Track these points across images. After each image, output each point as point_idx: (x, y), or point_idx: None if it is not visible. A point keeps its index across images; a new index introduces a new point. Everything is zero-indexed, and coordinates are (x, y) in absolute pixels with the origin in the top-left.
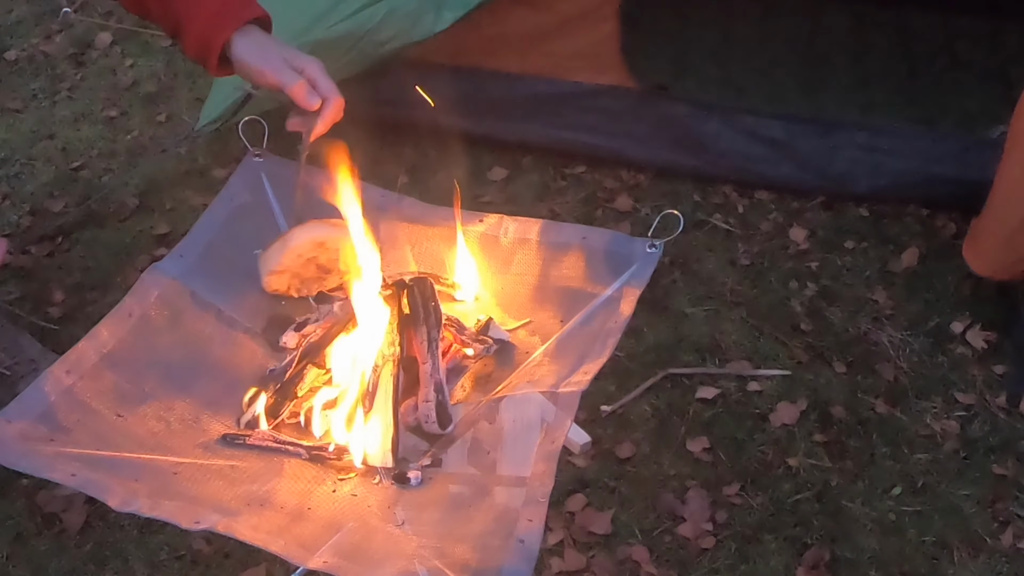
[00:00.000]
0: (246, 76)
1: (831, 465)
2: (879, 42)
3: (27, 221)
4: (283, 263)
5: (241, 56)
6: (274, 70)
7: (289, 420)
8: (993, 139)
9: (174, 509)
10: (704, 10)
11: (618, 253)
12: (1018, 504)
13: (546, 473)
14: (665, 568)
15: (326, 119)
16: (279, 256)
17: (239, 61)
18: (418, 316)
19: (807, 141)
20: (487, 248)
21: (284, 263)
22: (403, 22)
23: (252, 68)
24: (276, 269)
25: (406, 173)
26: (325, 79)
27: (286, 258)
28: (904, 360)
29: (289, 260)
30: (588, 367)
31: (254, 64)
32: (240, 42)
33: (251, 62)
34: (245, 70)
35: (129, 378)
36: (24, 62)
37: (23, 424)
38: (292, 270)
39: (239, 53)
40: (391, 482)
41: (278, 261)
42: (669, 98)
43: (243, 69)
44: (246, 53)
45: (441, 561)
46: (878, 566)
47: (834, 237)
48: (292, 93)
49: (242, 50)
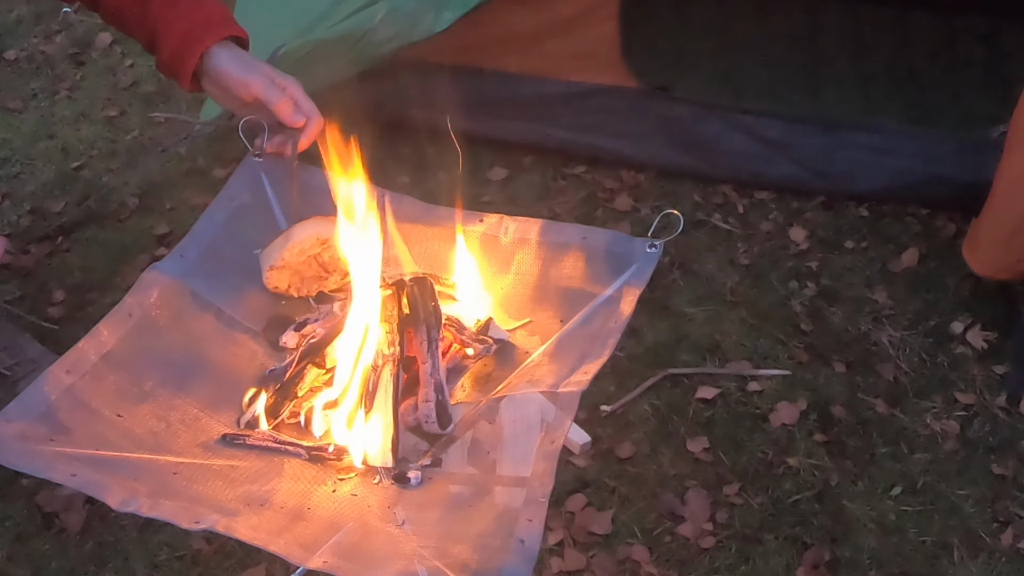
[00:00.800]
0: (225, 88)
1: (831, 465)
2: (879, 42)
3: (27, 221)
4: (284, 258)
5: (224, 68)
6: (261, 84)
7: (289, 420)
8: (993, 139)
9: (174, 509)
10: (704, 10)
11: (618, 253)
12: (1018, 504)
13: (546, 473)
14: (665, 568)
15: (309, 136)
16: (280, 251)
17: (221, 73)
18: (418, 316)
19: (807, 141)
20: (487, 248)
21: (285, 258)
22: (403, 22)
23: (236, 80)
24: (277, 264)
25: (406, 173)
26: (306, 99)
27: (288, 253)
28: (904, 360)
29: (291, 255)
30: (588, 367)
31: (239, 76)
32: (222, 55)
33: (236, 74)
34: (226, 82)
35: (129, 378)
36: (24, 62)
37: (23, 424)
38: (293, 267)
39: (222, 64)
40: (391, 482)
41: (279, 256)
42: (669, 98)
43: (224, 81)
44: (230, 65)
45: (441, 561)
46: (878, 566)
47: (834, 237)
48: (278, 109)
49: (225, 62)
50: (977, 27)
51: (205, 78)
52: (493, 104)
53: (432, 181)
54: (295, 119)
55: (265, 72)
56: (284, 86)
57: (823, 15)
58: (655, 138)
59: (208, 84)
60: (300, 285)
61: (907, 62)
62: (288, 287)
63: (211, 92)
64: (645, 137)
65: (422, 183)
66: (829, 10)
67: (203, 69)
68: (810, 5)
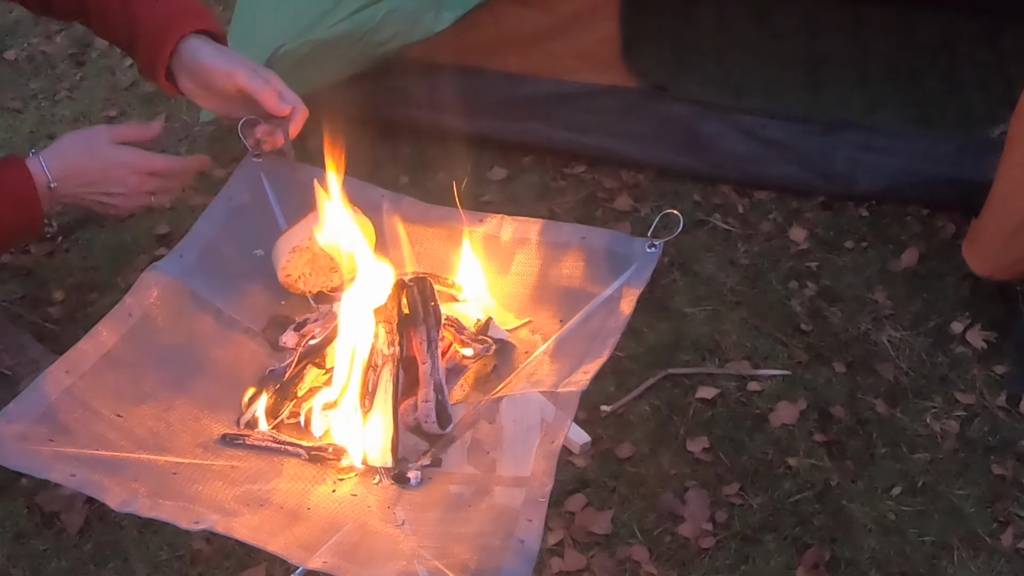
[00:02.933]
0: (207, 81)
1: (831, 465)
2: (879, 42)
3: None
4: (313, 238)
5: (206, 60)
6: (245, 74)
7: (289, 420)
8: (993, 139)
9: (174, 509)
10: (704, 10)
11: (618, 253)
12: (1018, 504)
13: (546, 473)
14: (665, 568)
15: (296, 124)
16: (309, 229)
17: (202, 65)
18: (418, 316)
19: (807, 141)
20: (487, 248)
21: (314, 238)
22: (403, 22)
23: (220, 71)
24: (301, 245)
25: (406, 173)
26: (288, 90)
27: (316, 231)
28: (904, 360)
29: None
30: (588, 367)
31: (223, 67)
32: (203, 47)
33: (220, 65)
34: (208, 74)
35: (129, 378)
36: (24, 62)
37: (23, 424)
38: (313, 251)
39: (203, 57)
40: (391, 482)
41: (307, 235)
42: (669, 98)
43: (206, 73)
44: (212, 57)
45: (441, 561)
46: (878, 566)
47: (834, 237)
48: (264, 98)
49: (206, 54)
50: (977, 27)
51: (184, 74)
52: (493, 104)
53: (432, 181)
54: (281, 107)
55: (247, 63)
56: (267, 77)
57: (823, 15)
58: (655, 138)
59: (187, 81)
60: (308, 276)
61: (907, 62)
62: (299, 277)
63: (189, 90)
64: (645, 137)
65: (422, 183)
66: (829, 10)
67: (181, 63)
68: (810, 5)
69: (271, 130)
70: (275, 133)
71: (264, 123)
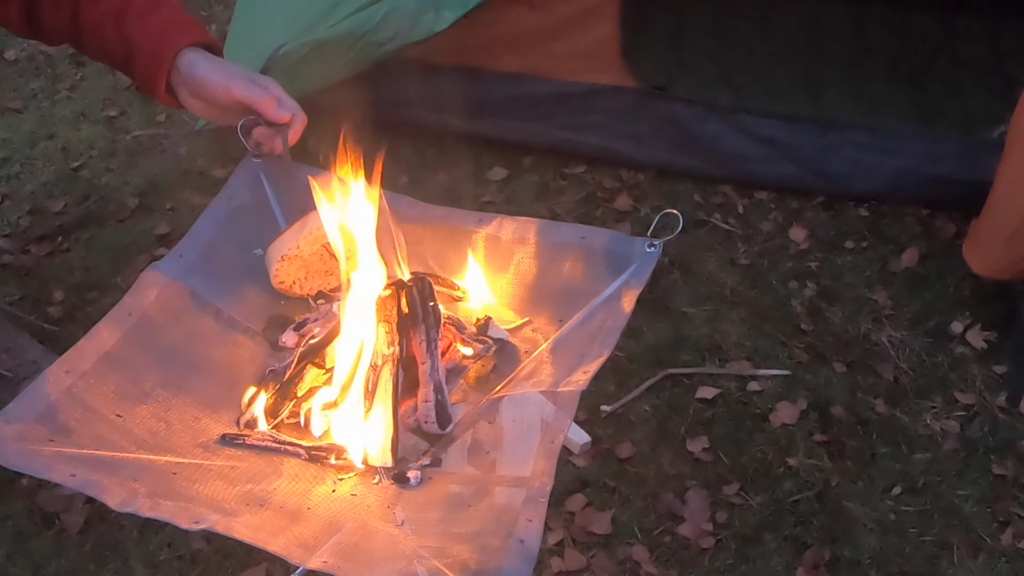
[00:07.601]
0: (205, 95)
1: (831, 465)
2: (879, 42)
3: (27, 221)
4: (300, 247)
5: (203, 74)
6: (242, 86)
7: (289, 420)
8: (993, 139)
9: (173, 509)
10: (704, 10)
11: (617, 253)
12: (1018, 504)
13: (546, 473)
14: (665, 568)
15: (296, 131)
16: (296, 239)
17: (199, 80)
18: (417, 316)
19: (807, 141)
20: (487, 248)
21: (300, 247)
22: (403, 22)
23: (217, 84)
24: (290, 253)
25: (406, 173)
26: (287, 97)
27: (303, 241)
28: (904, 360)
29: (306, 244)
30: (588, 367)
31: (220, 80)
32: (200, 62)
33: (216, 79)
34: (206, 88)
35: (129, 378)
36: (24, 62)
37: (22, 424)
38: (304, 257)
39: (200, 72)
40: (391, 482)
41: (295, 244)
42: (669, 98)
43: (204, 87)
44: (208, 71)
45: (441, 561)
46: (878, 566)
47: (834, 237)
48: (262, 107)
49: (203, 69)
50: (977, 27)
51: (183, 89)
52: (493, 104)
53: (432, 181)
54: (280, 115)
55: (244, 74)
56: (265, 85)
57: (823, 15)
58: (655, 138)
59: (186, 95)
60: (304, 281)
61: (907, 62)
62: (293, 283)
63: (190, 104)
64: (645, 137)
65: (422, 183)
66: (829, 10)
67: (181, 78)
68: (810, 5)
69: (270, 132)
70: (274, 138)
71: (264, 125)
